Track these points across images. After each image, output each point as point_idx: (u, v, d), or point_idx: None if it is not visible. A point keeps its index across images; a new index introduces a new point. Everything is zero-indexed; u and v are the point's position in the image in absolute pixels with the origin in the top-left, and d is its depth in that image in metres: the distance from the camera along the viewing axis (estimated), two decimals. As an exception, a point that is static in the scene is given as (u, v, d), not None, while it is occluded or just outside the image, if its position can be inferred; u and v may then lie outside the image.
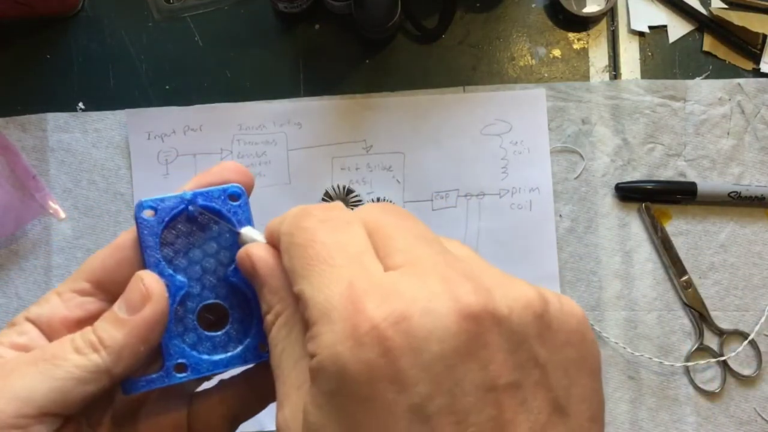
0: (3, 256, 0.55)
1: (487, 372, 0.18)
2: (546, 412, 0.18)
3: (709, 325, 0.54)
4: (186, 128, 0.55)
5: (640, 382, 0.53)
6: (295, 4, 0.54)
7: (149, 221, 0.25)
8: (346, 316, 0.18)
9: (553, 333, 0.19)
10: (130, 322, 0.24)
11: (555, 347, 0.19)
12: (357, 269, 0.20)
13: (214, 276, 0.26)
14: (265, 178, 0.55)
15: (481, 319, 0.18)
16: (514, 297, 0.19)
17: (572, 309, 0.20)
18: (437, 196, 0.55)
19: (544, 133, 0.55)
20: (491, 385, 0.18)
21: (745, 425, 0.53)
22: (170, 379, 0.25)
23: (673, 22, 0.57)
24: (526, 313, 0.19)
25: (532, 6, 0.58)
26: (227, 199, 0.26)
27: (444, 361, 0.17)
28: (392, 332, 0.17)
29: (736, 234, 0.55)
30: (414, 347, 0.17)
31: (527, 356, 0.18)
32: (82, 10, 0.58)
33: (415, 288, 0.18)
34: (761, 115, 0.56)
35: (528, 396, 0.18)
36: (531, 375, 0.18)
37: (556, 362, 0.19)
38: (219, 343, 0.26)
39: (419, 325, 0.17)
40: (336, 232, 0.21)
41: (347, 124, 0.55)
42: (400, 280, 0.19)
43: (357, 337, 0.18)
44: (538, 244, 0.54)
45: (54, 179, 0.55)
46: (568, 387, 0.19)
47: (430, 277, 0.19)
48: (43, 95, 0.56)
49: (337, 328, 0.18)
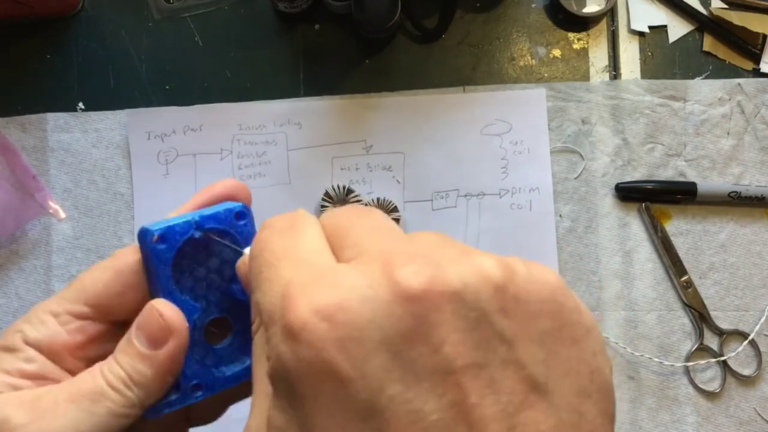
0: (3, 256, 0.55)
1: (442, 354, 0.16)
2: (520, 391, 0.17)
3: (709, 325, 0.54)
4: (186, 128, 0.55)
5: (640, 382, 0.53)
6: (295, 4, 0.54)
7: (160, 250, 0.24)
8: (281, 316, 0.17)
9: (522, 304, 0.17)
10: (157, 358, 0.24)
11: (524, 319, 0.17)
12: (300, 268, 0.19)
13: (218, 291, 0.26)
14: (265, 178, 0.55)
15: (427, 299, 0.16)
16: (468, 271, 0.17)
17: (544, 276, 0.18)
18: (437, 196, 0.55)
19: (544, 133, 0.55)
20: (448, 368, 0.16)
21: (745, 425, 0.53)
22: (188, 400, 0.25)
23: (673, 22, 0.57)
24: (484, 286, 0.17)
25: (532, 6, 0.58)
26: (234, 219, 0.26)
27: (388, 348, 0.16)
28: (326, 325, 0.16)
29: (736, 234, 0.55)
30: (354, 338, 0.16)
31: (490, 333, 0.17)
32: (82, 10, 0.58)
33: (354, 276, 0.17)
34: (761, 115, 0.56)
35: (495, 376, 0.17)
36: (496, 353, 0.17)
37: (526, 336, 0.17)
38: (223, 355, 0.26)
39: (357, 314, 0.16)
40: (287, 238, 0.21)
41: (347, 124, 0.55)
42: (342, 272, 0.18)
43: (293, 335, 0.17)
44: (538, 244, 0.54)
45: (54, 179, 0.55)
46: (546, 361, 0.17)
47: (372, 263, 0.18)
48: (43, 95, 0.56)
49: (277, 329, 0.18)
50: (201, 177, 0.55)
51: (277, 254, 0.20)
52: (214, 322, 0.27)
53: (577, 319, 0.18)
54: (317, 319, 0.17)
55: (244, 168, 0.55)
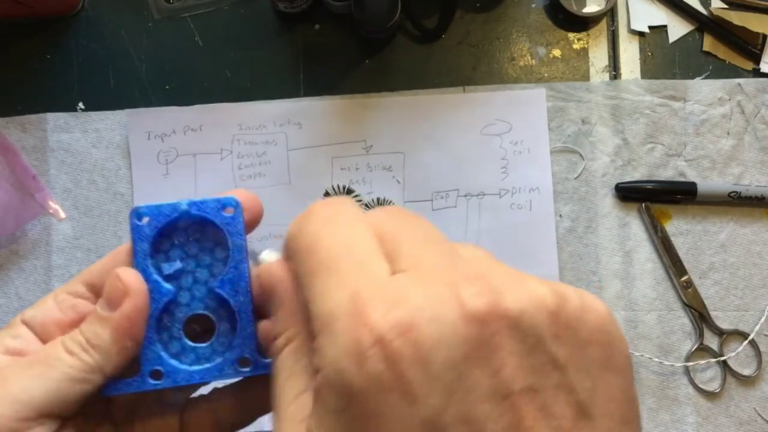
0: (3, 256, 0.55)
1: (501, 377, 0.17)
2: (570, 417, 0.17)
3: (709, 325, 0.54)
4: (186, 128, 0.55)
5: (640, 382, 0.53)
6: (295, 4, 0.54)
7: (142, 227, 0.25)
8: (349, 327, 0.17)
9: (573, 332, 0.18)
10: (112, 319, 0.24)
11: (575, 347, 0.18)
12: (362, 275, 0.19)
13: (204, 287, 0.26)
14: (265, 178, 0.55)
15: (489, 322, 0.17)
16: (525, 296, 0.18)
17: (594, 305, 0.19)
18: (437, 196, 0.55)
19: (544, 133, 0.55)
20: (506, 391, 0.17)
21: (745, 425, 0.53)
22: (144, 385, 0.25)
23: (673, 22, 0.57)
24: (539, 312, 0.17)
25: (532, 6, 0.58)
26: (221, 210, 0.26)
27: (454, 369, 0.17)
28: (398, 343, 0.17)
29: (736, 234, 0.55)
30: (422, 357, 0.16)
31: (544, 358, 0.17)
32: (82, 10, 0.58)
33: (421, 294, 0.17)
34: (761, 115, 0.56)
35: (548, 400, 0.17)
36: (550, 378, 0.17)
37: (577, 363, 0.18)
38: (203, 354, 0.26)
39: (426, 333, 0.17)
40: (341, 234, 0.20)
41: (347, 124, 0.55)
42: (405, 287, 0.18)
43: (361, 351, 0.17)
44: (538, 244, 0.54)
45: (54, 179, 0.55)
46: (593, 388, 0.18)
47: (436, 282, 0.18)
48: (43, 95, 0.56)
49: (340, 341, 0.17)
50: (201, 177, 0.55)
51: (334, 253, 0.20)
52: (202, 323, 0.27)
53: (621, 349, 0.19)
54: (392, 335, 0.17)
55: (244, 168, 0.55)
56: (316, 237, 0.21)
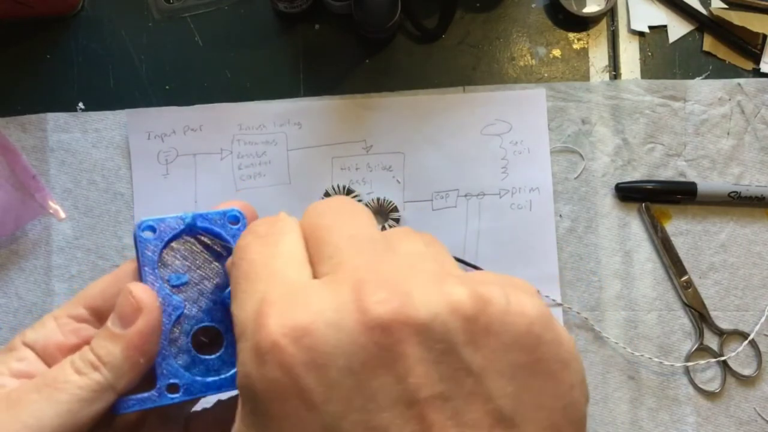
0: (3, 256, 0.55)
1: (406, 385, 0.16)
2: (486, 424, 0.17)
3: (709, 325, 0.54)
4: (186, 128, 0.55)
5: (640, 382, 0.53)
6: (295, 4, 0.54)
7: (148, 240, 0.25)
8: (252, 333, 0.17)
9: (493, 337, 0.17)
10: (125, 336, 0.24)
11: (495, 352, 0.17)
12: (274, 282, 0.19)
13: (210, 299, 0.26)
14: (265, 178, 0.55)
15: (393, 329, 0.16)
16: (437, 301, 0.17)
17: (522, 308, 0.18)
18: (437, 196, 0.55)
19: (544, 133, 0.55)
20: (412, 399, 0.16)
21: (745, 425, 0.53)
22: (162, 399, 0.25)
23: (673, 22, 0.57)
24: (452, 317, 0.17)
25: (532, 6, 0.58)
26: (227, 222, 0.26)
27: (352, 376, 0.16)
28: (294, 348, 0.16)
29: (736, 234, 0.55)
30: (319, 363, 0.16)
31: (457, 365, 0.17)
32: (82, 10, 0.58)
33: (325, 299, 0.17)
34: (761, 115, 0.56)
35: (461, 408, 0.16)
36: (463, 385, 0.17)
37: (496, 369, 0.17)
38: (212, 366, 0.26)
39: (322, 339, 0.16)
40: (267, 246, 0.21)
41: (347, 124, 0.55)
42: (313, 292, 0.18)
43: (261, 355, 0.17)
44: (538, 244, 0.54)
45: (54, 179, 0.55)
46: (516, 395, 0.17)
47: (343, 285, 0.18)
48: (43, 95, 0.57)
49: (246, 347, 0.18)
50: (201, 177, 0.55)
51: (254, 264, 0.20)
52: (209, 335, 0.27)
53: (555, 352, 0.18)
54: (287, 341, 0.17)
55: (244, 168, 0.55)
56: (244, 251, 0.21)
